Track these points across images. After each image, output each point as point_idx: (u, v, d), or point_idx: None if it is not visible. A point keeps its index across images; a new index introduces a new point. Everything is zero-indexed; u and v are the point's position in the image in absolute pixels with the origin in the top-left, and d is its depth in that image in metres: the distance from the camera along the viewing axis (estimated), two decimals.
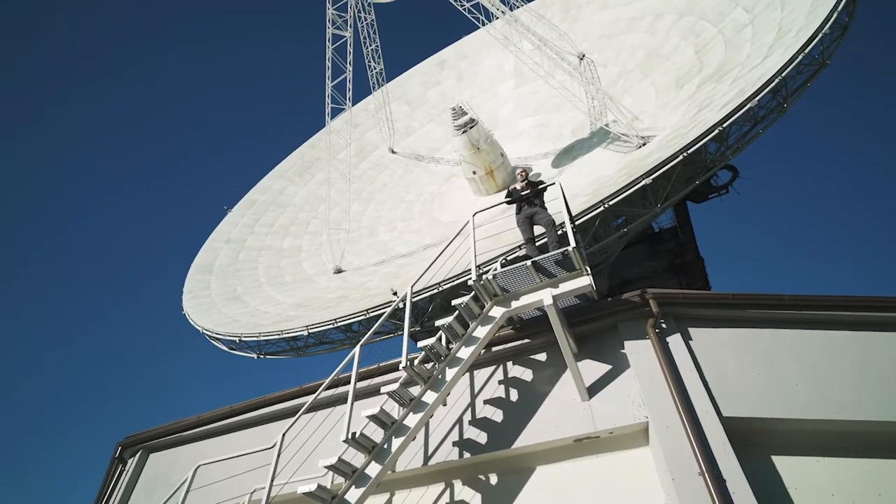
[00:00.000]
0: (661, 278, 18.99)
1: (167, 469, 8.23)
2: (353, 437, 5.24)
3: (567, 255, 5.57)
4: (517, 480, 5.84)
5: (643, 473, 5.37)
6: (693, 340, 5.88)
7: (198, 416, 8.11)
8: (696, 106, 14.32)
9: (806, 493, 5.08)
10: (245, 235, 20.72)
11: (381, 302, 11.83)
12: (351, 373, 5.75)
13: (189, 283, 18.25)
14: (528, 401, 6.11)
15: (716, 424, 5.08)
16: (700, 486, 4.67)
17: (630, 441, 5.56)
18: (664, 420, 5.22)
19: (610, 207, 10.73)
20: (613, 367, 5.90)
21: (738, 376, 5.59)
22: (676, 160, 10.09)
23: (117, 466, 8.53)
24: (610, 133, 16.94)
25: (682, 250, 19.05)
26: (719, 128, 10.31)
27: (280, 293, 16.87)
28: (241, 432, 7.88)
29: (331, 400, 6.45)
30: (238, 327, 14.51)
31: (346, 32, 16.99)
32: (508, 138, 21.22)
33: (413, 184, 22.02)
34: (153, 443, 8.55)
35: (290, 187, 22.99)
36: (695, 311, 6.04)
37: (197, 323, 15.48)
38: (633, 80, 18.64)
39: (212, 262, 19.41)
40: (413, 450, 6.28)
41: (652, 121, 16.33)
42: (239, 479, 6.24)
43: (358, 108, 25.23)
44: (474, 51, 24.35)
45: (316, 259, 18.93)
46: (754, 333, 5.92)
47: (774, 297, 6.00)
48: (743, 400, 5.39)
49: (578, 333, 6.25)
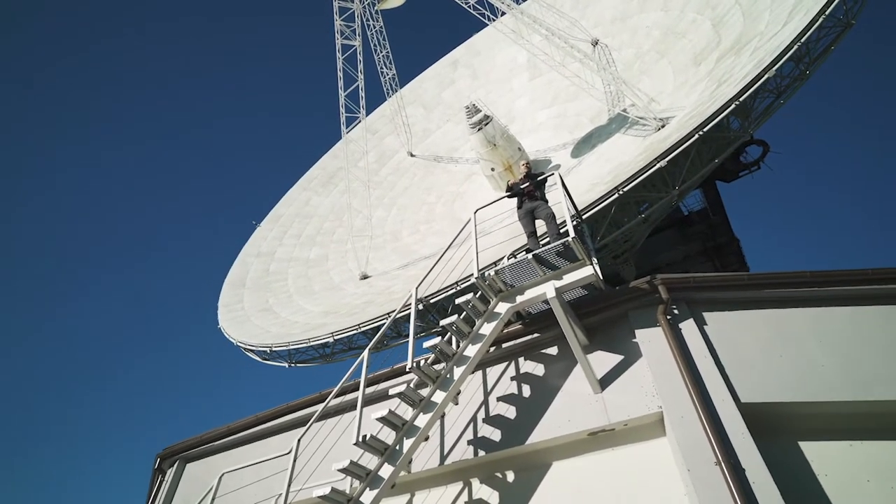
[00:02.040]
0: (693, 263, 18.37)
1: (203, 477, 8.54)
2: (363, 439, 5.31)
3: (568, 245, 5.47)
4: (534, 477, 5.77)
5: (662, 465, 5.20)
6: (708, 325, 5.66)
7: (227, 426, 8.40)
8: (714, 82, 13.78)
9: (838, 480, 4.81)
10: (274, 248, 21.30)
11: (404, 305, 11.91)
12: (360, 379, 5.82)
13: (224, 298, 18.91)
14: (541, 396, 6.03)
15: (733, 411, 4.87)
16: (717, 477, 4.49)
17: (646, 432, 5.40)
18: (678, 409, 5.04)
19: (626, 194, 10.47)
20: (625, 358, 5.74)
21: (758, 360, 5.34)
22: (689, 142, 9.73)
23: (157, 477, 8.92)
24: (628, 118, 16.53)
25: (715, 232, 18.38)
26: (736, 102, 9.90)
27: (309, 302, 17.24)
28: (269, 439, 8.10)
29: (346, 405, 6.55)
30: (269, 338, 14.93)
31: (355, 42, 17.23)
32: (526, 132, 21.00)
33: (434, 185, 22.10)
34: (189, 453, 8.90)
35: (314, 198, 23.47)
36: (708, 294, 5.82)
37: (232, 336, 16.02)
38: (650, 61, 18.12)
39: (244, 275, 20.05)
40: (429, 450, 6.30)
41: (670, 101, 15.81)
42: (262, 484, 6.42)
43: (375, 115, 25.56)
44: (486, 47, 24.23)
45: (342, 267, 19.26)
46: (774, 314, 5.65)
47: (794, 275, 5.71)
48: (763, 384, 5.15)
49: (588, 325, 6.13)
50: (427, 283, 8.46)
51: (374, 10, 17.97)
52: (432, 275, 7.36)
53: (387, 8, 17.75)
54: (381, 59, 20.18)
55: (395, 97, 22.18)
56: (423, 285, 9.08)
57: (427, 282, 8.03)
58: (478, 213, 6.70)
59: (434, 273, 7.28)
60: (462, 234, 6.85)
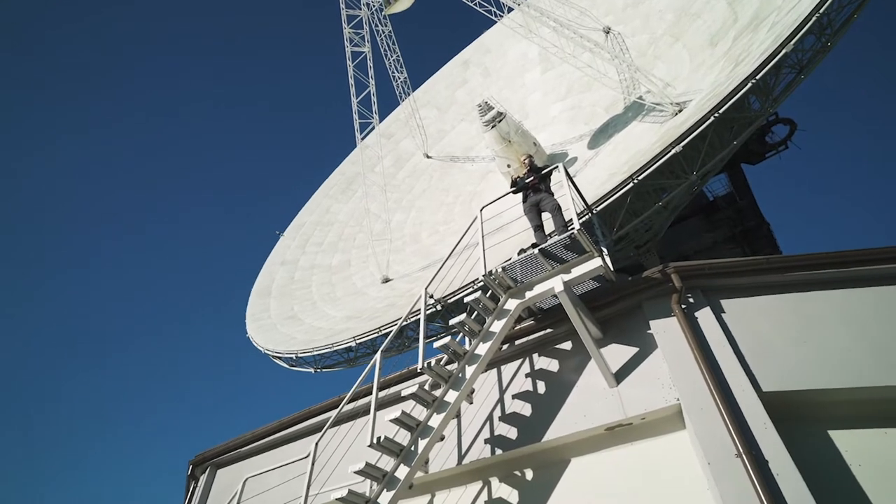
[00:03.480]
0: (720, 249, 17.82)
1: (232, 483, 8.69)
2: (378, 441, 5.33)
3: (574, 238, 5.36)
4: (553, 474, 5.68)
5: (683, 458, 5.04)
6: (726, 313, 5.47)
7: (252, 432, 8.56)
8: (732, 62, 13.34)
9: (873, 469, 4.58)
10: (297, 256, 21.64)
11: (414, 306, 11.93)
12: (372, 382, 5.84)
13: (251, 308, 19.32)
14: (556, 392, 5.93)
15: (754, 401, 4.68)
16: (739, 469, 4.32)
17: (665, 425, 5.25)
18: (696, 401, 4.88)
19: (642, 182, 10.22)
20: (640, 350, 5.60)
21: (780, 347, 5.13)
22: (705, 125, 9.43)
23: (190, 483, 9.17)
24: (644, 105, 16.16)
25: (742, 217, 17.78)
26: (752, 80, 9.54)
27: (333, 308, 17.45)
28: (292, 444, 8.22)
29: (362, 409, 6.58)
30: (296, 344, 15.17)
31: (365, 48, 17.37)
32: (541, 126, 20.77)
33: (451, 186, 22.07)
34: (219, 459, 9.10)
35: (334, 205, 23.76)
36: (724, 281, 5.62)
37: (260, 344, 16.35)
38: (664, 45, 17.68)
39: (269, 284, 20.44)
40: (447, 450, 6.28)
41: (687, 85, 15.38)
42: (284, 488, 6.51)
43: (389, 119, 25.73)
44: (496, 44, 24.08)
45: (364, 272, 19.42)
46: (796, 298, 5.42)
47: (815, 257, 5.46)
48: (786, 372, 4.94)
49: (601, 317, 6.00)
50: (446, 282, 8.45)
51: (382, 14, 18.09)
52: (451, 273, 7.35)
53: (394, 12, 17.85)
54: (392, 63, 20.30)
55: (408, 100, 22.27)
56: (443, 285, 9.13)
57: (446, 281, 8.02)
58: (484, 211, 6.65)
59: (454, 271, 7.27)
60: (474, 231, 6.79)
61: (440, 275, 7.18)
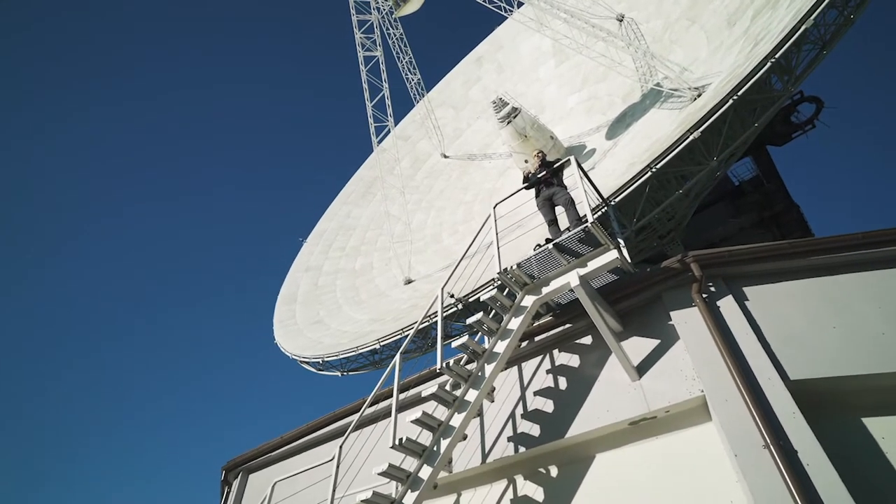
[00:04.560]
0: (749, 235, 17.30)
1: (265, 487, 8.87)
2: (399, 442, 5.36)
3: (588, 231, 5.30)
4: (578, 470, 5.62)
5: (710, 451, 4.92)
6: (749, 301, 5.31)
7: (281, 437, 8.73)
8: (751, 41, 12.94)
9: None
10: (321, 262, 21.96)
11: (445, 306, 11.95)
12: (393, 385, 5.89)
13: (278, 315, 19.70)
14: (578, 387, 5.87)
15: (781, 390, 4.54)
16: (767, 461, 4.20)
17: (691, 418, 5.13)
18: (721, 392, 4.76)
19: (661, 170, 10.01)
20: (662, 342, 5.49)
21: (808, 333, 4.96)
22: (723, 108, 9.17)
23: (224, 488, 9.41)
24: (662, 91, 15.83)
25: (770, 201, 17.23)
26: (771, 60, 9.22)
27: (357, 311, 17.65)
28: (320, 447, 8.34)
29: (385, 411, 6.64)
30: (322, 349, 15.40)
31: (377, 52, 17.50)
32: (557, 119, 20.57)
33: (469, 184, 22.05)
34: (251, 464, 9.31)
35: (354, 210, 24.02)
36: (747, 267, 5.46)
37: (287, 350, 16.66)
38: (680, 29, 17.26)
39: (295, 291, 20.80)
40: (471, 449, 6.28)
41: (706, 68, 14.97)
42: (311, 491, 6.63)
43: (406, 121, 25.85)
44: (508, 39, 23.94)
45: (387, 274, 19.57)
46: (823, 282, 5.23)
47: (842, 238, 5.26)
48: (815, 359, 4.77)
49: (621, 310, 5.91)
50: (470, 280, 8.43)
51: (393, 18, 18.18)
52: (475, 272, 7.35)
53: (404, 14, 17.92)
54: (405, 65, 20.40)
55: (422, 101, 22.33)
56: (469, 283, 9.11)
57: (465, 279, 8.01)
58: (499, 208, 6.63)
59: (479, 269, 7.27)
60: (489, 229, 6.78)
61: (463, 273, 7.20)
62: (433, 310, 6.52)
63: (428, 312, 6.86)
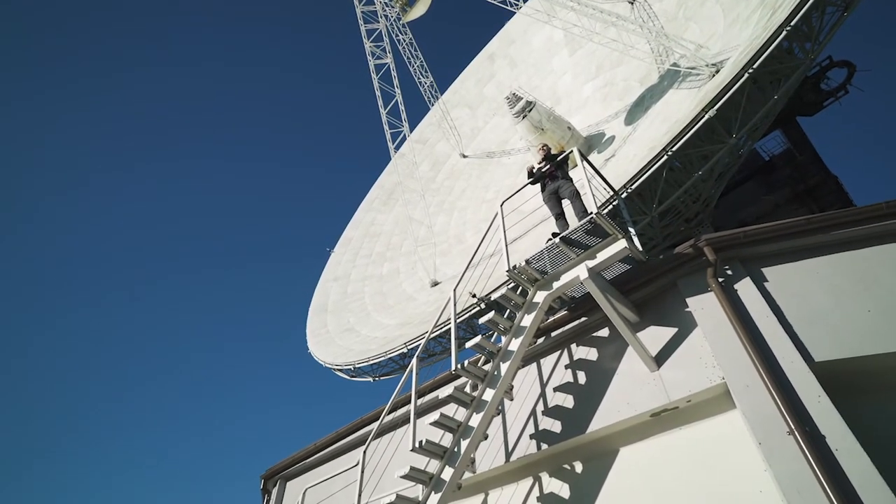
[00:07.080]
0: (785, 211, 16.58)
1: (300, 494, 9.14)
2: (420, 445, 5.41)
3: (594, 221, 5.21)
4: (602, 465, 5.53)
5: (736, 440, 4.75)
6: (768, 281, 5.11)
7: (314, 444, 8.92)
8: (769, 9, 12.41)
9: None
10: (349, 271, 22.31)
11: (468, 306, 11.95)
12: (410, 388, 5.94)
13: (310, 325, 20.13)
14: (597, 381, 5.77)
15: (804, 373, 4.35)
16: (792, 447, 4.03)
17: (713, 407, 4.97)
18: (742, 378, 4.60)
19: (678, 152, 9.73)
20: (679, 330, 5.34)
21: (834, 311, 4.73)
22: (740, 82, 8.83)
23: (264, 496, 9.69)
24: (680, 71, 15.37)
25: (804, 174, 16.47)
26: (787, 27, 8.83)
27: (386, 317, 17.84)
28: (350, 453, 8.47)
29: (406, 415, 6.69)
30: (353, 356, 15.65)
31: (387, 59, 17.68)
32: (574, 109, 20.27)
33: (490, 182, 21.97)
34: (287, 472, 9.56)
35: (378, 217, 24.30)
36: (764, 247, 5.25)
37: (320, 359, 17.00)
38: (694, 6, 16.72)
39: (325, 301, 21.21)
40: (494, 449, 6.26)
41: (724, 43, 14.45)
42: (341, 495, 6.75)
43: (423, 124, 25.97)
44: (519, 33, 23.73)
45: (413, 278, 19.71)
46: (847, 258, 4.98)
47: (866, 210, 5.00)
48: (840, 339, 4.55)
49: (636, 300, 5.78)
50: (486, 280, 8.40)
51: (401, 24, 18.32)
52: (497, 269, 7.32)
53: (412, 19, 18.03)
54: (416, 69, 20.51)
55: (437, 103, 22.40)
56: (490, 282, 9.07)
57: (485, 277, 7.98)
58: (506, 205, 6.60)
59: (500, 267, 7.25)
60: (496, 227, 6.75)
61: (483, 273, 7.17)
62: (447, 311, 6.51)
63: (441, 315, 6.86)
